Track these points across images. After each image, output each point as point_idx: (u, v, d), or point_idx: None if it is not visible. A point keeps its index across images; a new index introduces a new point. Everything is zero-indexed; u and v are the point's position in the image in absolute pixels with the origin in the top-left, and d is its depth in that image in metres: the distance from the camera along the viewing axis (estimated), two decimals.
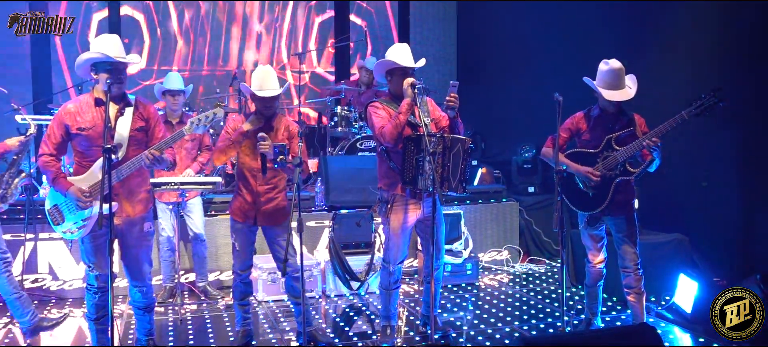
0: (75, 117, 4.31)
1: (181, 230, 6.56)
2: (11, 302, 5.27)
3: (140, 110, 4.46)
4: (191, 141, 6.33)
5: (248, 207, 4.88)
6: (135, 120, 4.40)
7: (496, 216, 7.82)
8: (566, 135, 5.02)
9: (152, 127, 4.49)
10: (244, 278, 5.04)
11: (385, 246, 5.10)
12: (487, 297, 6.54)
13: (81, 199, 4.28)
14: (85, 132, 4.29)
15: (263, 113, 4.85)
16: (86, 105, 4.34)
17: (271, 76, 4.85)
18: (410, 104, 4.73)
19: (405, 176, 4.79)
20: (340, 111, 8.08)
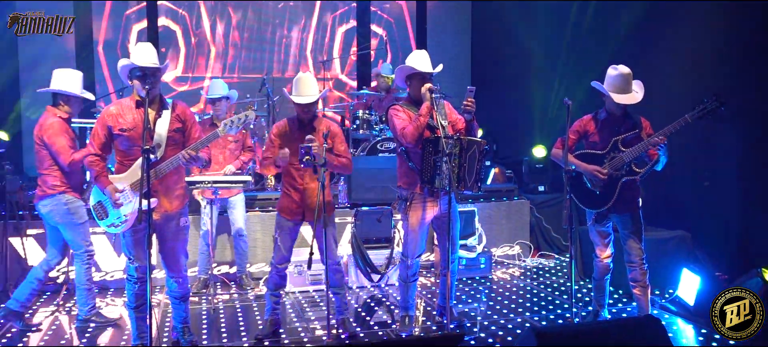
0: (117, 118, 4.37)
1: (223, 225, 6.61)
2: (81, 291, 5.35)
3: (177, 112, 4.51)
4: (234, 142, 6.42)
5: (296, 205, 4.91)
6: (172, 121, 4.45)
7: (508, 214, 7.79)
8: (575, 137, 4.99)
9: (189, 127, 4.54)
10: (280, 271, 5.05)
11: (403, 241, 5.09)
12: (499, 290, 6.52)
13: (113, 197, 4.34)
14: (127, 132, 4.35)
15: (302, 117, 4.88)
16: (127, 107, 4.40)
17: (309, 83, 4.88)
18: (429, 107, 4.74)
19: (423, 176, 4.80)
20: (362, 115, 8.08)
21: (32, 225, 6.51)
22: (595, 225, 5.01)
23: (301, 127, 4.88)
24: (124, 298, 5.58)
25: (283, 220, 4.97)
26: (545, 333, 3.24)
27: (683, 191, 6.70)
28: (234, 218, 6.43)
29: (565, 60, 8.56)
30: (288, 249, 5.01)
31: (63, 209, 5.16)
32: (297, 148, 4.65)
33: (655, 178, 5.01)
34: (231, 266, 6.85)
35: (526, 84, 9.24)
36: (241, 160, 6.45)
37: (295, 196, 4.92)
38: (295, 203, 4.91)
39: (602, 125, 4.93)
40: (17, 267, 6.33)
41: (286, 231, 4.97)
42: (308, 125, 4.88)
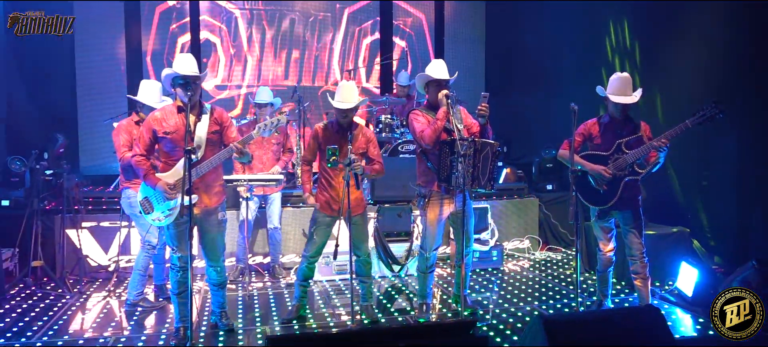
0: (161, 122, 4.42)
1: (260, 219, 6.65)
2: (135, 275, 5.44)
3: (215, 116, 4.53)
4: (277, 144, 6.48)
5: (333, 201, 4.92)
6: (211, 124, 4.48)
7: (519, 210, 7.74)
8: (580, 139, 4.95)
9: (225, 129, 4.56)
10: (312, 263, 5.06)
11: (422, 235, 5.08)
12: (510, 280, 6.47)
13: (167, 192, 4.41)
14: (170, 135, 4.39)
15: (341, 121, 4.88)
16: (170, 112, 4.44)
17: (351, 91, 4.87)
18: (446, 112, 4.72)
19: (440, 175, 4.77)
20: (384, 119, 8.08)
21: (87, 218, 6.60)
22: (598, 220, 4.96)
23: (340, 131, 4.88)
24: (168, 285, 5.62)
25: (321, 216, 4.98)
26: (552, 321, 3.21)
27: (682, 189, 6.61)
28: (270, 213, 6.47)
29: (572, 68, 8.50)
30: (322, 244, 5.02)
31: (127, 202, 5.34)
32: (333, 149, 4.70)
33: (656, 177, 4.96)
34: (265, 257, 6.88)
35: (535, 91, 9.19)
36: (284, 161, 6.52)
37: (331, 193, 4.93)
38: (333, 199, 4.93)
39: (605, 128, 4.88)
40: (72, 256, 6.43)
41: (323, 226, 4.98)
42: (347, 130, 4.89)
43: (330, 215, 4.96)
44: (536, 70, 9.21)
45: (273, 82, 9.83)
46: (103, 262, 6.60)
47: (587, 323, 3.33)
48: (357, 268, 5.07)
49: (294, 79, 9.92)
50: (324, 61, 10.16)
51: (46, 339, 4.75)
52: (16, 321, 5.16)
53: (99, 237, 6.62)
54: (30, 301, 5.68)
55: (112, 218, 6.56)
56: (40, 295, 5.86)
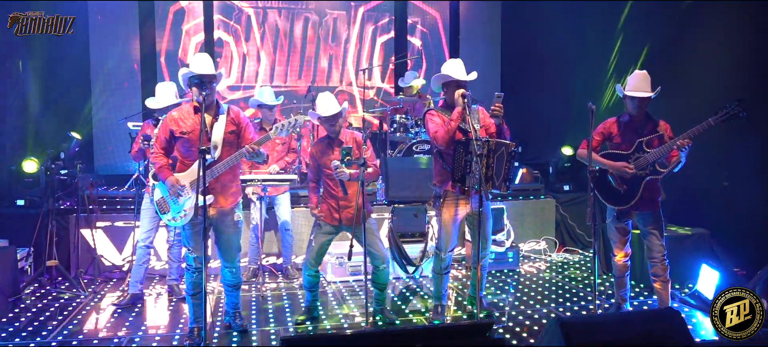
0: (178, 122, 4.45)
1: (272, 220, 6.67)
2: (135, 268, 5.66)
3: (232, 116, 4.56)
4: (281, 144, 6.47)
5: (334, 210, 4.93)
6: (228, 125, 4.50)
7: (535, 211, 7.70)
8: (599, 138, 4.92)
9: (243, 129, 4.58)
10: (312, 272, 5.06)
11: (437, 236, 5.07)
12: (526, 282, 6.44)
13: (176, 187, 4.43)
14: (186, 135, 4.42)
15: (329, 131, 4.93)
16: (187, 113, 4.47)
17: (329, 100, 4.93)
18: (461, 112, 4.69)
19: (455, 175, 4.76)
20: (399, 119, 8.07)
21: (101, 218, 6.66)
22: (615, 222, 4.91)
23: (330, 143, 4.95)
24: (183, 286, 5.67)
25: (323, 224, 5.00)
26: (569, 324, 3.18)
27: (703, 190, 6.54)
28: (280, 213, 6.48)
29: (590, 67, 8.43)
30: (321, 253, 5.03)
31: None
32: (329, 161, 4.79)
33: (676, 177, 4.90)
34: (278, 257, 6.90)
35: (552, 90, 9.13)
36: (286, 161, 6.49)
37: (333, 203, 4.94)
38: (334, 208, 4.94)
39: (625, 127, 4.85)
40: (87, 256, 6.49)
41: (322, 234, 4.99)
42: (336, 140, 4.93)
43: (331, 224, 4.97)
44: (553, 69, 9.16)
45: (286, 83, 9.85)
46: (117, 262, 6.65)
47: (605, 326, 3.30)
48: (375, 276, 5.07)
49: (308, 79, 9.94)
50: (338, 60, 10.17)
51: (61, 339, 4.80)
52: (31, 320, 5.22)
53: (113, 237, 6.67)
54: (44, 301, 5.74)
55: (127, 218, 6.61)
56: (54, 295, 5.92)
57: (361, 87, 9.44)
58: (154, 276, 6.61)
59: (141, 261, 5.62)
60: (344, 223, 4.94)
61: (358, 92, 10.07)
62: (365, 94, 8.81)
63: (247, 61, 9.81)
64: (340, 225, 4.97)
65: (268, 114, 6.39)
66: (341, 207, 4.91)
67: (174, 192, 4.45)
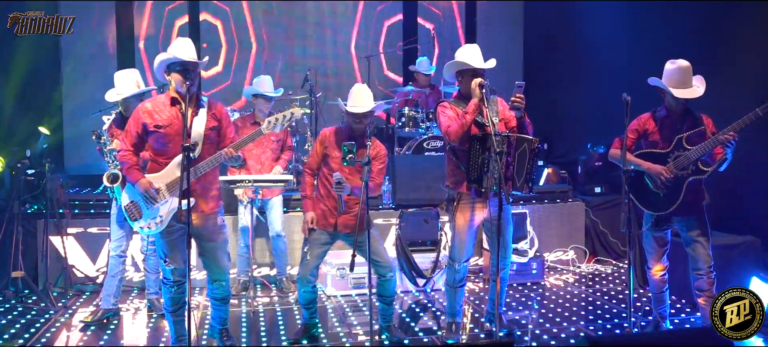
0: (152, 115, 4.42)
1: (263, 226, 6.67)
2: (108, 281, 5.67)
3: (214, 111, 4.54)
4: (276, 141, 6.47)
5: (330, 213, 4.92)
6: (209, 120, 4.49)
7: (562, 216, 7.68)
8: (633, 136, 4.89)
9: (224, 127, 4.57)
10: (308, 287, 5.04)
11: (451, 244, 5.06)
12: (552, 297, 6.42)
13: (149, 193, 4.38)
14: (162, 129, 4.39)
15: (354, 127, 4.90)
16: (162, 104, 4.45)
17: (365, 95, 4.90)
18: (477, 104, 4.68)
19: (471, 175, 4.75)
20: (408, 112, 8.06)
21: (73, 223, 6.66)
22: (653, 229, 4.88)
23: (351, 139, 4.87)
24: None
25: (315, 231, 4.98)
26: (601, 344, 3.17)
27: (750, 194, 6.50)
28: (271, 219, 6.47)
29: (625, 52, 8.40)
30: (318, 265, 5.03)
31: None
32: (339, 159, 4.72)
33: (719, 179, 4.87)
34: (271, 268, 6.90)
35: (581, 79, 9.10)
36: (284, 160, 6.52)
37: (328, 203, 4.93)
38: (329, 210, 4.93)
39: (662, 123, 4.83)
40: (57, 266, 6.50)
41: (317, 244, 4.97)
42: (358, 139, 4.88)
43: (325, 230, 4.95)
44: (583, 55, 9.13)
45: (281, 70, 9.85)
46: (90, 273, 6.67)
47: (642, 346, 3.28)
48: (381, 288, 5.07)
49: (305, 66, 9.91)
50: (339, 45, 10.17)
51: None
52: None
53: (86, 244, 6.69)
54: (9, 317, 5.76)
55: (102, 223, 6.62)
56: (20, 310, 5.93)
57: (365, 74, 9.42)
58: (132, 289, 6.63)
59: (114, 273, 5.63)
60: (341, 230, 4.92)
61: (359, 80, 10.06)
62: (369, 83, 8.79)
63: (238, 47, 9.81)
64: (336, 232, 4.95)
65: (263, 106, 6.39)
66: (339, 212, 4.90)
67: (148, 197, 4.42)
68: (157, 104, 4.46)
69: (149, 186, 4.39)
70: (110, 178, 5.30)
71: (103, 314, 5.64)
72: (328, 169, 4.92)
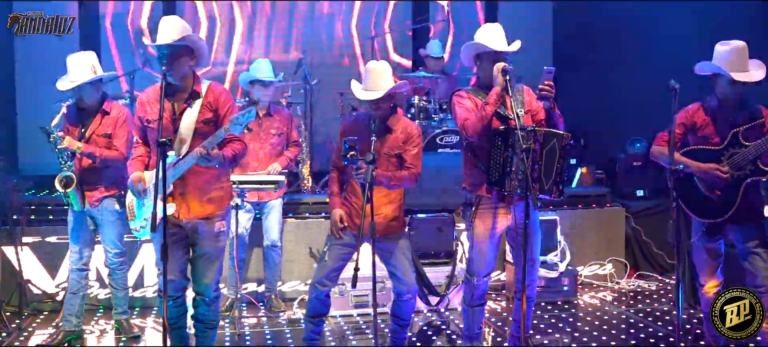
0: (145, 107, 4.55)
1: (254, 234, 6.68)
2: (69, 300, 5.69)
3: (209, 99, 4.56)
4: (277, 135, 6.52)
5: (358, 213, 4.92)
6: (202, 111, 4.52)
7: (599, 224, 7.68)
8: (680, 130, 4.88)
9: (222, 117, 4.57)
10: (321, 293, 5.05)
11: (468, 257, 5.07)
12: (587, 318, 6.44)
13: (136, 189, 4.52)
14: (152, 124, 4.46)
15: (372, 114, 4.92)
16: (154, 94, 4.51)
17: (379, 75, 4.90)
18: (499, 93, 4.67)
19: (491, 175, 4.74)
20: (418, 102, 8.06)
21: (28, 232, 6.67)
22: (704, 240, 4.89)
23: (371, 126, 4.89)
24: None
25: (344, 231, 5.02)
26: None
27: None
28: (268, 226, 6.49)
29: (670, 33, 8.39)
30: (337, 268, 5.04)
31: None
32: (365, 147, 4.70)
33: None
34: (258, 284, 6.91)
35: (621, 63, 9.09)
36: (287, 157, 6.56)
37: (355, 203, 4.97)
38: (355, 211, 4.96)
39: (714, 115, 4.85)
40: (10, 281, 6.50)
41: (338, 246, 5.00)
42: (381, 124, 4.91)
43: (353, 231, 4.98)
44: (622, 36, 9.12)
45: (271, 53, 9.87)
46: (49, 289, 6.68)
47: None
48: (395, 307, 5.09)
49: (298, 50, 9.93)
50: (338, 25, 10.18)
51: None
52: None
53: (44, 256, 6.70)
54: None
55: (62, 232, 6.59)
56: None
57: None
58: (97, 308, 6.65)
59: (75, 290, 5.65)
60: (367, 233, 4.94)
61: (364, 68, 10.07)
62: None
63: (218, 26, 9.83)
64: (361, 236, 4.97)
65: (262, 94, 6.41)
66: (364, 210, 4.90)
67: (135, 193, 4.55)
68: (151, 95, 4.59)
69: (136, 182, 4.51)
70: (63, 182, 5.31)
71: (64, 337, 5.66)
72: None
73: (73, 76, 5.47)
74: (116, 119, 5.50)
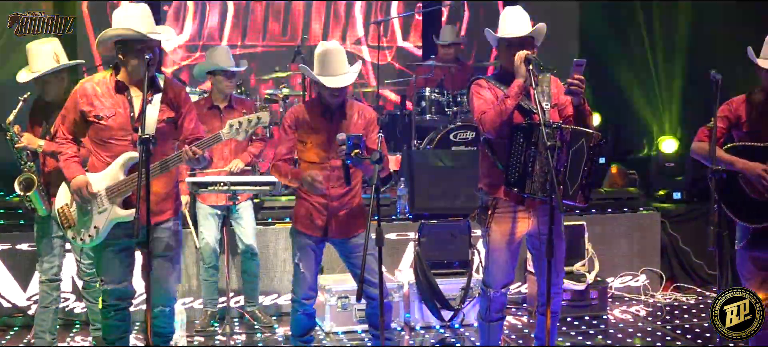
0: (91, 101, 4.43)
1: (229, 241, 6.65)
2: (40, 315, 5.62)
3: (170, 96, 4.53)
4: None
5: (317, 214, 4.93)
6: (163, 109, 4.48)
7: (631, 230, 7.68)
8: (723, 125, 4.88)
9: (183, 116, 4.56)
10: (306, 308, 5.06)
11: (485, 266, 5.07)
12: (618, 335, 6.44)
13: (84, 195, 4.38)
14: (105, 121, 4.40)
15: (329, 102, 4.90)
16: (107, 87, 4.45)
17: (338, 58, 4.88)
18: (522, 86, 4.65)
19: (510, 175, 4.72)
20: (429, 94, 8.07)
21: None
22: (749, 249, 4.88)
23: (326, 114, 4.91)
24: None
25: (301, 237, 5.00)
26: None
27: None
28: (242, 232, 6.45)
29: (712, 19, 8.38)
30: (314, 275, 5.04)
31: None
32: (321, 140, 4.73)
33: None
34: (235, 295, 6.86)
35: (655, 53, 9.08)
36: (251, 153, 6.47)
37: (317, 201, 4.94)
38: (317, 211, 4.94)
39: (761, 109, 4.84)
40: None
41: (308, 251, 4.99)
42: (336, 112, 4.92)
43: (312, 235, 4.97)
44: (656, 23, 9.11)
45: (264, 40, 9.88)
46: (20, 302, 6.70)
47: None
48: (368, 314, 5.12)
49: (296, 35, 9.95)
50: (340, 8, 10.20)
51: None
52: None
53: (14, 265, 6.72)
54: None
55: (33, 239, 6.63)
56: None
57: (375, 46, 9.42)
58: (74, 323, 6.66)
59: (46, 303, 5.60)
60: (332, 234, 4.93)
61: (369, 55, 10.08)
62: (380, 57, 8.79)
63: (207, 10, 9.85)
64: (326, 237, 4.97)
65: (224, 86, 6.39)
66: (333, 210, 4.90)
67: (83, 200, 4.43)
68: (101, 86, 4.46)
69: (84, 187, 4.39)
70: (23, 185, 5.27)
71: None
72: (306, 162, 4.92)
73: (34, 66, 5.38)
74: None
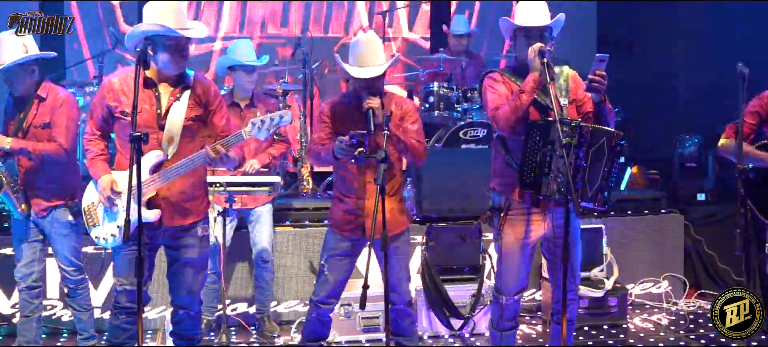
0: (119, 96, 4.51)
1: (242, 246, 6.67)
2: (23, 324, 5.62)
3: (198, 93, 4.58)
4: None
5: (353, 214, 4.94)
6: (191, 106, 4.54)
7: (652, 234, 7.67)
8: (752, 121, 4.90)
9: (212, 112, 4.62)
10: (323, 314, 5.09)
11: (497, 272, 5.06)
12: (638, 345, 6.44)
13: (109, 195, 4.48)
14: (128, 117, 4.42)
15: (360, 91, 4.92)
16: (132, 81, 4.49)
17: (370, 48, 4.92)
18: (538, 80, 4.64)
19: (524, 175, 4.72)
20: (438, 89, 8.06)
21: None
22: None
23: (361, 107, 4.89)
24: None
25: (336, 238, 5.01)
26: None
27: None
28: (257, 237, 6.47)
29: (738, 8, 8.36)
30: (340, 282, 5.06)
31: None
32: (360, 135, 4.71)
33: None
34: (250, 304, 6.92)
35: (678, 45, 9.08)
36: (271, 154, 6.48)
37: (352, 202, 4.95)
38: (352, 211, 4.94)
39: None
40: None
41: (339, 256, 5.01)
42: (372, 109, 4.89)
43: (350, 237, 4.98)
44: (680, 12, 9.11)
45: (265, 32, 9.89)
46: (4, 310, 6.71)
47: None
48: (394, 323, 5.09)
49: (297, 27, 9.96)
50: None
51: None
52: None
53: None
54: None
55: None
56: None
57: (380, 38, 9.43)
58: (61, 332, 6.67)
59: (27, 312, 5.58)
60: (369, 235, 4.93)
61: None
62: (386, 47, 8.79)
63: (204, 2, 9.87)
64: (363, 238, 4.97)
65: (244, 81, 6.39)
66: (366, 207, 4.90)
67: (108, 199, 4.51)
68: (126, 82, 4.53)
69: (109, 186, 4.48)
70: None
71: None
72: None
73: (2, 55, 5.33)
74: (53, 105, 5.31)
